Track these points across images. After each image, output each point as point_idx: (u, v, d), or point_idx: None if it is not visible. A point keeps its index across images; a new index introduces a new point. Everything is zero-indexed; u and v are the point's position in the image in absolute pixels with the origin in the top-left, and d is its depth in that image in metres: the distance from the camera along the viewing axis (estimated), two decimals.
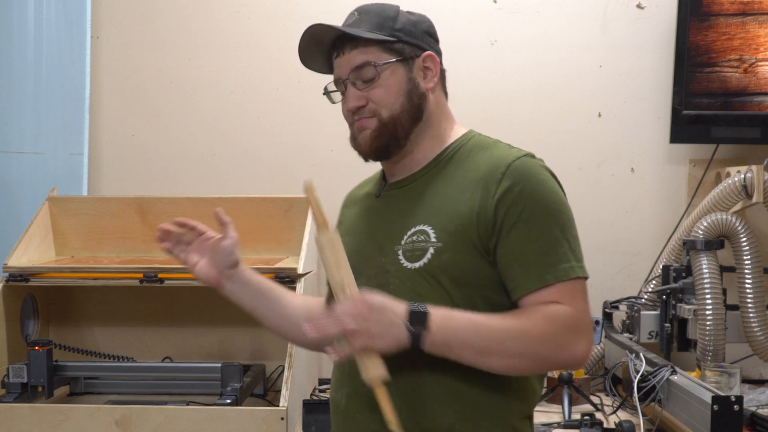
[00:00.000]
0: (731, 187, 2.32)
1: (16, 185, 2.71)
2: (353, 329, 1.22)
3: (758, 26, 2.45)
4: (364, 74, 1.39)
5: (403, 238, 1.37)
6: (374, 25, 1.40)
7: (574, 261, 1.31)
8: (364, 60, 1.38)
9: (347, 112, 1.43)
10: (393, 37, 1.39)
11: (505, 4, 2.69)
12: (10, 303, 2.23)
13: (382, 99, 1.39)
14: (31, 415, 1.89)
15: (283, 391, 1.90)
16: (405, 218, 1.39)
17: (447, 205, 1.36)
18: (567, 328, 1.28)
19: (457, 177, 1.39)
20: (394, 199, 1.44)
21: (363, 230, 1.46)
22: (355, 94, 1.40)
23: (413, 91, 1.41)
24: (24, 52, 2.70)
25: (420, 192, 1.41)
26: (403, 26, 1.41)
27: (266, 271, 2.13)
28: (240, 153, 2.74)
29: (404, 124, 1.40)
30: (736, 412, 1.73)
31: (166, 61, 2.74)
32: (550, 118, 2.69)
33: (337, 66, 1.42)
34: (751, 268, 2.27)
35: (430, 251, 1.33)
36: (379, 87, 1.39)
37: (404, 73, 1.40)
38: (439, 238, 1.33)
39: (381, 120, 1.39)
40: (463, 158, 1.41)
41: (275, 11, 2.72)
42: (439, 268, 1.33)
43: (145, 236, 2.45)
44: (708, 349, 2.19)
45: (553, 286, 1.29)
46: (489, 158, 1.38)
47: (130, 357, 2.38)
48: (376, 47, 1.39)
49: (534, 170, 1.34)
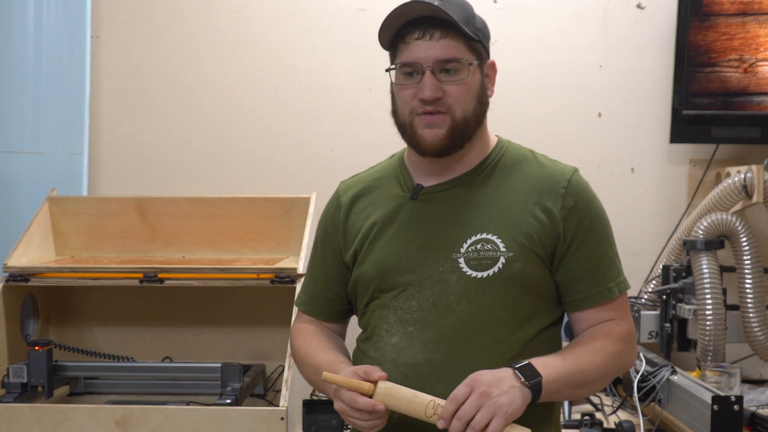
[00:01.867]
0: (731, 187, 2.32)
1: (16, 185, 2.70)
2: (487, 414, 1.20)
3: (758, 26, 2.45)
4: (448, 66, 1.34)
5: (463, 246, 1.35)
6: (461, 18, 1.33)
7: (623, 273, 1.42)
8: (453, 55, 1.33)
9: (415, 99, 1.35)
10: (476, 36, 1.36)
11: (505, 4, 2.69)
12: (10, 303, 2.22)
13: (461, 98, 1.35)
14: (31, 415, 1.88)
15: (283, 391, 1.89)
16: (460, 225, 1.37)
17: (509, 214, 1.36)
18: (629, 342, 1.40)
19: (507, 186, 1.40)
20: (436, 203, 1.41)
21: (404, 236, 1.41)
22: (434, 84, 1.34)
23: (483, 96, 1.40)
24: (24, 52, 2.69)
25: (468, 199, 1.39)
26: (482, 26, 1.39)
27: (266, 271, 2.13)
28: (240, 153, 2.74)
29: (471, 127, 1.38)
30: (736, 412, 1.73)
31: (166, 61, 2.74)
32: (550, 118, 2.69)
33: (419, 48, 1.34)
34: (751, 268, 2.27)
35: (501, 260, 1.34)
36: (460, 84, 1.35)
37: (480, 76, 1.39)
38: (508, 247, 1.34)
39: (454, 119, 1.35)
40: (507, 167, 1.42)
41: (275, 11, 2.72)
42: (510, 277, 1.34)
43: (145, 236, 2.44)
44: (708, 349, 2.19)
45: (616, 300, 1.39)
46: (540, 171, 1.41)
47: (130, 357, 2.38)
48: (464, 43, 1.35)
49: (588, 186, 1.43)
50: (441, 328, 1.35)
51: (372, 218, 1.45)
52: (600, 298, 1.38)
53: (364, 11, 2.67)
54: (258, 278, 2.14)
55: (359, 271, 1.45)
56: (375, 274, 1.42)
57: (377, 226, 1.44)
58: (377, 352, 1.40)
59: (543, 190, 1.38)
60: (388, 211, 1.44)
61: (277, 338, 2.33)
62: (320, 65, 2.72)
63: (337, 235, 1.51)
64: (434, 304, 1.36)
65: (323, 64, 2.72)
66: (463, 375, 1.28)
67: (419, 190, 1.42)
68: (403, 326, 1.38)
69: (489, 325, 1.34)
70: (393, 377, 1.34)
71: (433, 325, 1.35)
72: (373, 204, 1.47)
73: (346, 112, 2.71)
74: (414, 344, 1.36)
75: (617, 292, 1.39)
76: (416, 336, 1.36)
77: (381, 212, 1.45)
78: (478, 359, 1.33)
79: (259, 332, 2.39)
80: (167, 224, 2.43)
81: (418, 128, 1.36)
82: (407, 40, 1.35)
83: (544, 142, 2.63)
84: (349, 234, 1.48)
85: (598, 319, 1.40)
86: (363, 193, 1.50)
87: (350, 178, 1.56)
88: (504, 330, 1.35)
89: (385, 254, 1.41)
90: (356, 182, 1.53)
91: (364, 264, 1.44)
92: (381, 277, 1.41)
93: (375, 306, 1.43)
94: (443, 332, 1.35)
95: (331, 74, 2.72)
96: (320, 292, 1.55)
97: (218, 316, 2.44)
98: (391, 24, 1.35)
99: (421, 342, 1.35)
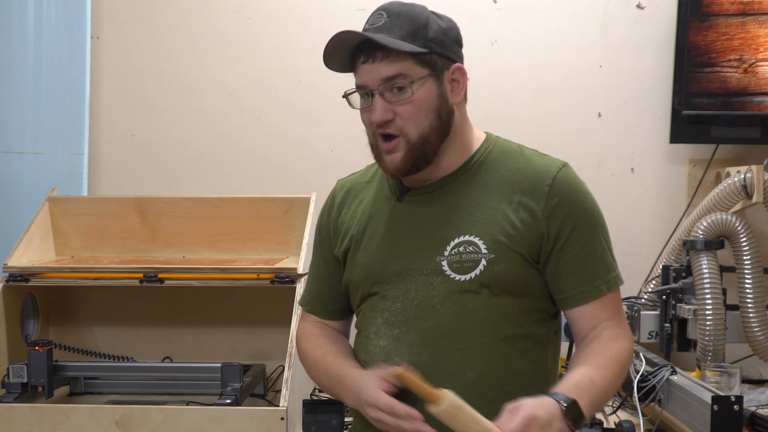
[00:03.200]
0: (731, 187, 2.32)
1: (16, 185, 2.70)
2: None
3: (758, 26, 2.45)
4: (394, 87, 1.32)
5: (446, 248, 1.35)
6: (407, 33, 1.31)
7: (616, 269, 1.40)
8: (396, 72, 1.31)
9: (371, 124, 1.36)
10: (426, 48, 1.32)
11: (505, 4, 2.69)
12: (10, 303, 2.22)
13: (412, 117, 1.32)
14: (31, 415, 1.88)
15: (283, 391, 1.89)
16: (443, 228, 1.36)
17: (491, 215, 1.35)
18: (630, 341, 1.39)
19: (492, 186, 1.38)
20: (421, 205, 1.40)
21: (390, 238, 1.41)
22: (383, 106, 1.33)
23: (443, 107, 1.35)
24: (24, 52, 2.69)
25: (453, 200, 1.38)
26: (435, 35, 1.34)
27: (266, 271, 2.13)
28: (240, 153, 2.74)
29: (433, 142, 1.35)
30: (736, 412, 1.73)
31: (166, 61, 2.74)
32: (550, 118, 2.69)
33: (365, 72, 1.34)
34: (751, 268, 2.27)
35: (483, 263, 1.33)
36: (409, 103, 1.32)
37: (435, 88, 1.34)
38: (490, 249, 1.33)
39: (409, 141, 1.33)
40: (493, 166, 1.40)
41: (275, 11, 2.72)
42: (492, 279, 1.33)
43: (145, 236, 2.45)
44: (708, 349, 2.19)
45: (605, 297, 1.37)
46: (526, 168, 1.39)
47: (130, 357, 2.38)
48: (410, 59, 1.31)
49: (576, 182, 1.40)
50: (425, 330, 1.35)
51: (361, 218, 1.46)
52: (587, 296, 1.36)
53: (364, 11, 2.67)
54: (258, 278, 2.14)
55: (349, 273, 1.47)
56: (363, 276, 1.43)
57: (366, 227, 1.44)
58: (367, 355, 1.41)
59: (527, 188, 1.36)
60: (376, 212, 1.45)
61: (277, 338, 2.33)
62: (320, 65, 2.68)
63: (330, 234, 1.52)
64: (418, 306, 1.36)
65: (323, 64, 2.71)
66: (448, 376, 1.29)
67: (405, 191, 1.42)
68: (389, 328, 1.38)
69: (472, 326, 1.34)
70: None
71: (418, 327, 1.35)
72: (364, 204, 1.48)
73: (346, 112, 2.66)
74: (400, 346, 1.36)
75: (605, 290, 1.37)
76: (402, 338, 1.37)
77: (370, 213, 1.45)
78: (463, 360, 1.33)
79: (259, 332, 2.39)
80: (167, 224, 2.44)
81: (381, 153, 1.37)
82: (357, 64, 1.36)
83: (544, 142, 2.62)
84: (339, 232, 1.50)
85: (593, 317, 1.38)
86: (356, 193, 1.51)
87: (346, 177, 1.57)
88: (489, 331, 1.34)
89: (372, 256, 1.41)
90: (351, 181, 1.54)
91: (352, 265, 1.45)
92: (368, 279, 1.42)
93: (365, 308, 1.44)
94: (427, 334, 1.35)
95: (331, 74, 2.68)
96: (322, 291, 1.56)
97: (218, 316, 2.45)
98: (334, 53, 1.36)
99: (406, 344, 1.36)
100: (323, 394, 2.35)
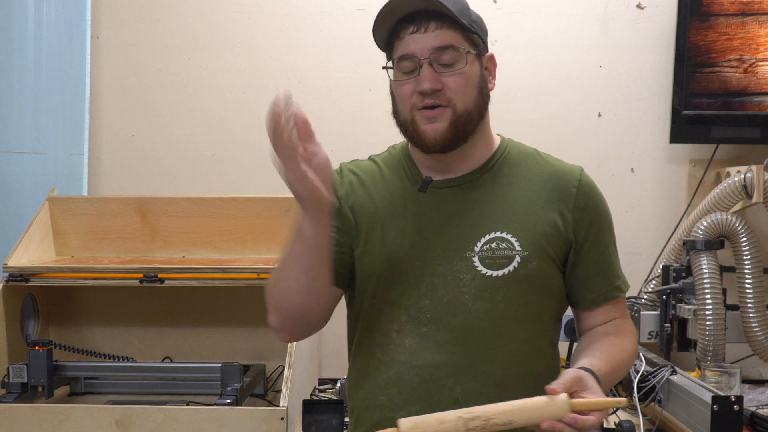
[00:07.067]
0: (731, 187, 2.32)
1: (16, 185, 2.70)
2: None
3: (758, 26, 2.45)
4: (446, 57, 1.30)
5: (477, 244, 1.33)
6: (456, 10, 1.30)
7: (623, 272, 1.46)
8: (449, 42, 1.29)
9: (415, 94, 1.31)
10: (472, 28, 1.33)
11: (505, 4, 2.69)
12: (10, 303, 2.22)
13: (460, 89, 1.31)
14: (31, 415, 1.88)
15: (283, 391, 1.90)
16: (473, 223, 1.35)
17: (522, 213, 1.35)
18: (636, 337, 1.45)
19: (517, 184, 1.38)
20: (447, 198, 1.37)
21: (414, 230, 1.35)
22: (432, 75, 1.29)
23: (484, 87, 1.36)
24: (24, 52, 2.69)
25: (480, 196, 1.36)
26: (477, 20, 1.36)
27: (266, 271, 2.13)
28: (240, 153, 2.73)
29: (474, 119, 1.34)
30: (736, 412, 1.73)
31: (166, 61, 2.74)
32: (550, 118, 2.69)
33: (413, 41, 1.30)
34: (751, 268, 2.27)
35: (517, 259, 1.33)
36: (459, 75, 1.31)
37: (479, 67, 1.35)
38: (524, 246, 1.33)
39: (455, 112, 1.31)
40: (515, 165, 1.40)
41: (275, 11, 2.72)
42: (525, 276, 1.33)
43: (145, 236, 2.44)
44: (708, 349, 2.19)
45: (620, 298, 1.43)
46: (549, 169, 1.41)
47: (130, 357, 2.38)
48: (461, 34, 1.31)
49: (596, 186, 1.44)
50: (457, 328, 1.32)
51: (374, 204, 1.39)
52: (611, 296, 1.42)
53: (364, 11, 2.67)
54: (258, 278, 2.14)
55: (365, 260, 1.38)
56: (384, 267, 1.35)
57: (381, 214, 1.38)
58: (386, 354, 1.36)
59: (554, 189, 1.38)
60: (392, 201, 1.39)
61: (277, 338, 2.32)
62: (320, 65, 2.72)
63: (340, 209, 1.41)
64: (448, 303, 1.33)
65: (323, 64, 2.72)
66: (481, 375, 1.29)
67: (428, 182, 1.37)
68: (416, 326, 1.34)
69: (503, 324, 1.33)
70: (407, 379, 1.33)
71: (449, 325, 1.33)
72: (376, 189, 1.41)
73: (346, 112, 2.71)
74: (429, 345, 1.33)
75: (625, 290, 1.44)
76: (431, 337, 1.33)
77: (385, 200, 1.39)
78: (494, 359, 1.32)
79: (259, 332, 2.39)
80: (167, 224, 2.44)
81: (419, 124, 1.32)
82: (402, 35, 1.32)
83: (544, 142, 2.62)
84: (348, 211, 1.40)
85: (607, 317, 1.42)
86: (364, 177, 1.44)
87: (350, 162, 1.50)
88: (518, 329, 1.34)
89: (395, 247, 1.35)
90: (356, 166, 1.47)
91: (370, 254, 1.37)
92: (390, 271, 1.35)
93: (382, 303, 1.37)
94: (459, 332, 1.32)
95: (331, 74, 2.72)
96: None
97: (218, 316, 2.45)
98: (385, 20, 1.32)
99: (436, 343, 1.33)
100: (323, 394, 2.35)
